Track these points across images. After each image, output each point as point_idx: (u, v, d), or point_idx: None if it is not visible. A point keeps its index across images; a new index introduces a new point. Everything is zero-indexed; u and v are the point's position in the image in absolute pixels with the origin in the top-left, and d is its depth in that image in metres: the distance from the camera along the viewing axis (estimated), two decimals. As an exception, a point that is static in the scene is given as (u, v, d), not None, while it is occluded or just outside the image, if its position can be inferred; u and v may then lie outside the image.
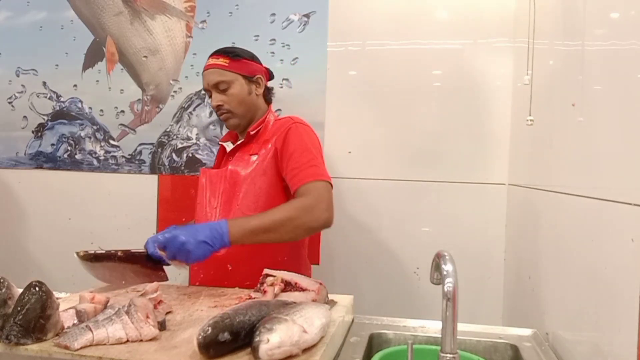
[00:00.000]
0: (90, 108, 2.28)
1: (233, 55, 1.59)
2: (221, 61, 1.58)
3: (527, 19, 1.55)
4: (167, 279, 1.41)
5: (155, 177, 2.21)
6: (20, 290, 0.99)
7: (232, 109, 1.58)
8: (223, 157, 1.70)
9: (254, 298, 1.20)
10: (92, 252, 1.34)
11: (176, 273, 2.14)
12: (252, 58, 1.64)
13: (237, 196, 1.54)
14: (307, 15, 2.04)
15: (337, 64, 2.02)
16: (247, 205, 1.52)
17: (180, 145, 2.19)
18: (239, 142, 1.63)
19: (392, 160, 1.99)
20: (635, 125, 0.86)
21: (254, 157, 1.56)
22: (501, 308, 1.91)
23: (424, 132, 1.96)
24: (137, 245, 2.20)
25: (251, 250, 1.44)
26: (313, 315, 1.01)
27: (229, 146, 1.66)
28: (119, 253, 1.35)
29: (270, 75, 1.70)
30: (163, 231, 1.32)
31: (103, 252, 1.36)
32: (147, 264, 1.38)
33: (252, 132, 1.60)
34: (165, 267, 1.45)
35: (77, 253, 1.32)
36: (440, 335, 0.90)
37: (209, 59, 1.61)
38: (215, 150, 2.14)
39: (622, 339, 0.88)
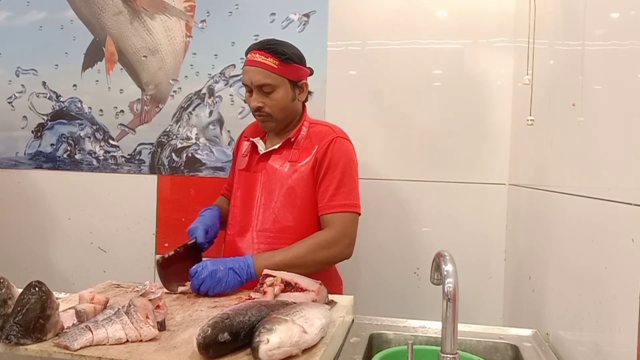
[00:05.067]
0: (89, 108, 2.27)
1: (285, 57, 1.47)
2: (270, 61, 1.46)
3: (527, 19, 1.55)
4: None
5: (154, 177, 2.21)
6: (20, 290, 0.99)
7: (273, 113, 1.50)
8: (250, 153, 1.61)
9: (254, 298, 1.20)
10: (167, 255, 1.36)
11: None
12: (302, 61, 1.54)
13: (276, 203, 1.52)
14: (307, 15, 2.04)
15: (337, 63, 2.02)
16: (286, 214, 1.51)
17: (179, 145, 2.19)
18: (275, 147, 1.56)
19: (392, 160, 1.99)
20: (635, 125, 0.86)
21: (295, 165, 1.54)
22: (501, 308, 1.91)
23: (424, 132, 1.96)
24: (136, 244, 2.21)
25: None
26: (313, 315, 1.01)
27: (260, 144, 1.58)
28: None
29: (310, 72, 1.62)
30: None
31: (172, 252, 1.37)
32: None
33: (292, 139, 1.55)
34: None
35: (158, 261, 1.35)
36: (440, 336, 0.90)
37: (254, 51, 1.48)
38: (215, 150, 2.14)
39: (622, 339, 0.88)
